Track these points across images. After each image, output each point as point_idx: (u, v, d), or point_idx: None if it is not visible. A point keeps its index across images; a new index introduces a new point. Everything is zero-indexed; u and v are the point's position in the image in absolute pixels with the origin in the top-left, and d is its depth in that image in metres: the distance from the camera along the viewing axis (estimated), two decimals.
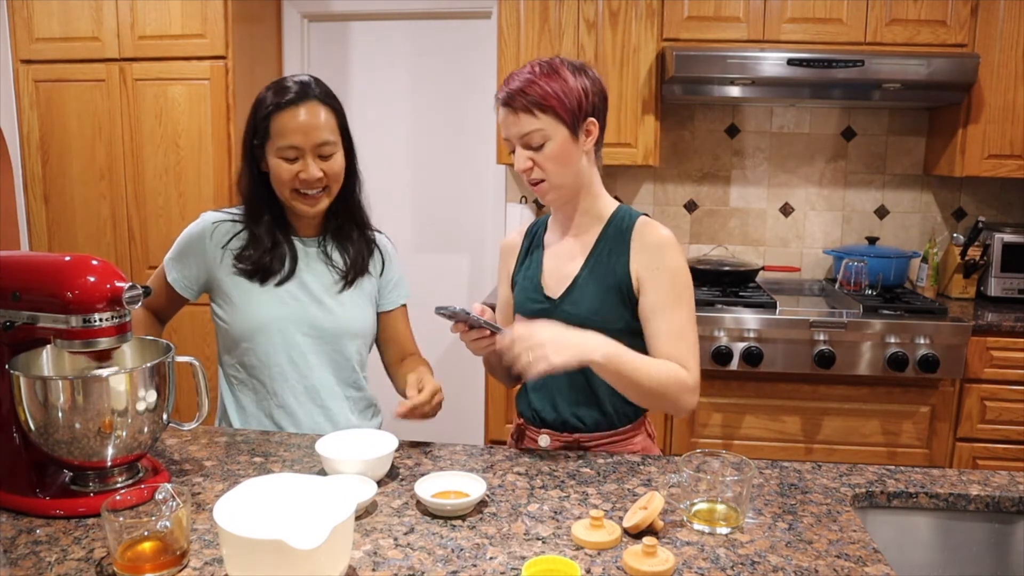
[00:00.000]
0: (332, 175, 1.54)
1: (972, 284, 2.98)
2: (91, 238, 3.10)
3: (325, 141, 1.51)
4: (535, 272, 1.54)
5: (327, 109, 1.53)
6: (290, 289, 1.60)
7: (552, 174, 1.41)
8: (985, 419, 2.62)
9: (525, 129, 1.39)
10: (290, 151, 1.50)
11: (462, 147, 3.39)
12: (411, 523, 1.13)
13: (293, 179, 1.51)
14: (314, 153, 1.51)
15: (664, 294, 1.41)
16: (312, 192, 1.54)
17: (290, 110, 1.49)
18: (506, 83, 1.41)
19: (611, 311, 1.43)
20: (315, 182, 1.52)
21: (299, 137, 1.49)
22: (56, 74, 3.01)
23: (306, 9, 3.33)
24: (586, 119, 1.41)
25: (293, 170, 1.51)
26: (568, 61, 1.42)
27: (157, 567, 0.98)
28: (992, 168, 2.80)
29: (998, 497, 1.26)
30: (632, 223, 1.46)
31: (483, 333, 1.38)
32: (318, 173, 1.51)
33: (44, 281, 1.14)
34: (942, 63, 2.62)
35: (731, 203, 3.25)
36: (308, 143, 1.50)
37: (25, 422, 1.14)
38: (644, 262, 1.42)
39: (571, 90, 1.38)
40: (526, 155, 1.41)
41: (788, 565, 1.03)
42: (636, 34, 2.82)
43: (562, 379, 1.48)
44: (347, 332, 1.62)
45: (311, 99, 1.51)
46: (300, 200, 1.54)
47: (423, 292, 3.58)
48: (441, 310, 1.35)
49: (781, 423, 2.66)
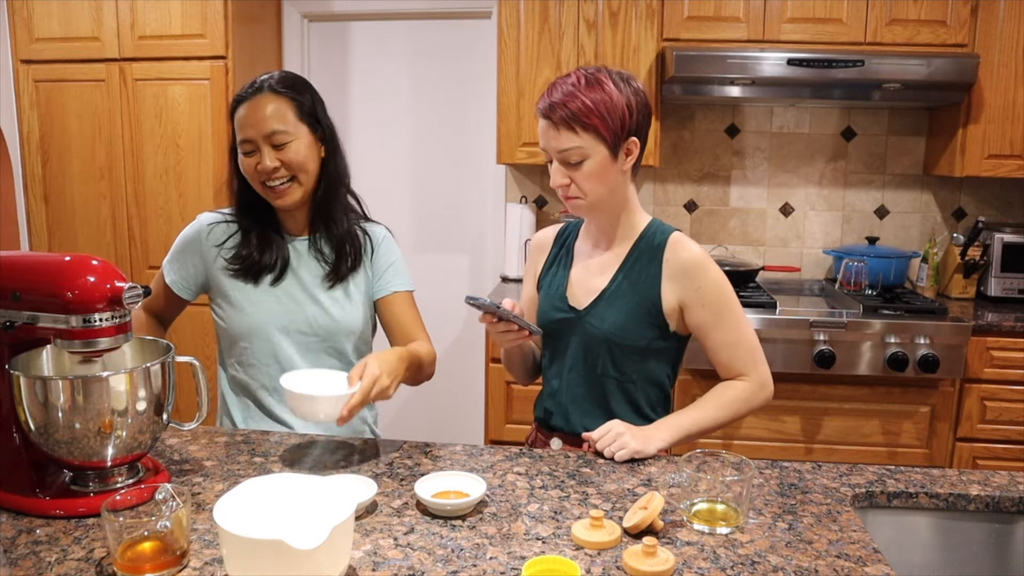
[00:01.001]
0: (291, 164, 1.53)
1: (972, 284, 2.98)
2: (91, 238, 3.10)
3: (274, 131, 1.51)
4: (561, 280, 1.53)
5: (281, 99, 1.53)
6: (285, 288, 1.60)
7: (589, 192, 1.40)
8: (985, 419, 2.62)
9: (564, 145, 1.36)
10: (245, 145, 1.53)
11: (462, 147, 3.39)
12: (411, 523, 1.13)
13: (253, 172, 1.54)
14: (267, 143, 1.52)
15: (711, 310, 1.42)
16: (276, 184, 1.54)
17: (243, 105, 1.53)
18: (548, 92, 1.37)
19: (635, 329, 1.43)
20: (272, 172, 1.52)
21: (249, 129, 1.52)
22: (56, 74, 3.01)
23: (306, 9, 3.33)
24: (628, 138, 1.38)
25: (252, 163, 1.53)
26: (614, 72, 1.38)
27: (157, 567, 0.98)
28: (992, 168, 2.80)
29: (998, 497, 1.26)
30: (664, 240, 1.45)
31: (511, 327, 1.38)
32: (272, 163, 1.52)
33: (44, 281, 1.14)
34: (942, 63, 2.62)
35: (731, 203, 3.25)
36: (258, 134, 1.51)
37: (25, 422, 1.14)
38: (682, 287, 1.43)
39: (615, 107, 1.34)
40: (563, 171, 1.39)
41: (788, 565, 1.03)
42: (636, 34, 2.82)
43: (578, 389, 1.49)
44: (343, 329, 1.62)
45: (263, 92, 1.53)
46: (270, 193, 1.55)
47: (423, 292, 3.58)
48: (471, 300, 1.34)
49: (781, 423, 2.66)
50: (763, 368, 1.46)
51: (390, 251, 1.70)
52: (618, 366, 1.46)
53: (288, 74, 1.59)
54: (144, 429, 1.18)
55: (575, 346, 1.48)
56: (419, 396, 3.57)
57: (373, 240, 1.69)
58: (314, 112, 1.58)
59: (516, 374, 1.66)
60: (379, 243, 1.70)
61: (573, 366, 1.49)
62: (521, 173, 3.30)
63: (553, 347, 1.53)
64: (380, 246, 1.69)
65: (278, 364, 1.59)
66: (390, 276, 1.68)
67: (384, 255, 1.69)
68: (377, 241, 1.70)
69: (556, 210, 3.29)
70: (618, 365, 1.46)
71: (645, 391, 1.48)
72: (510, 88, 2.89)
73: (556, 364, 1.53)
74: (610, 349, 1.45)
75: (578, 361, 1.49)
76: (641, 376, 1.47)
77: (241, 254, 1.60)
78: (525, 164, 3.06)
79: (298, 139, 1.54)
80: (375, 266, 1.68)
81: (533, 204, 3.26)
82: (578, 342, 1.48)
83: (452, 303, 3.45)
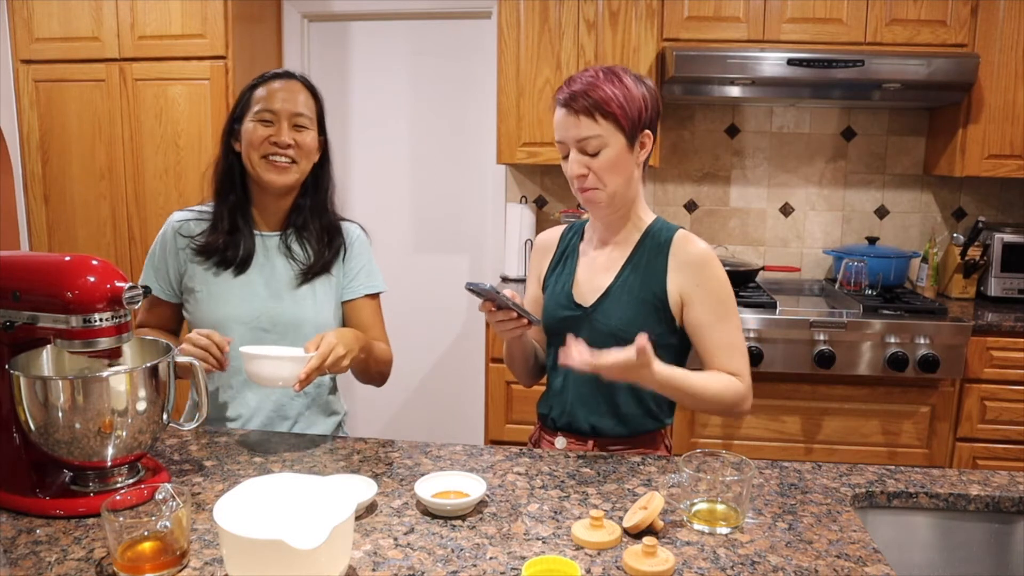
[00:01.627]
0: (303, 147, 1.58)
1: (972, 284, 2.98)
2: (91, 238, 3.10)
3: (300, 113, 1.58)
4: (568, 279, 1.54)
5: (308, 92, 1.61)
6: (250, 283, 1.60)
7: (607, 182, 1.40)
8: (985, 419, 2.62)
9: (584, 133, 1.37)
10: (266, 114, 1.56)
11: (462, 147, 3.39)
12: (411, 523, 1.13)
13: (264, 141, 1.56)
14: (289, 121, 1.56)
15: (710, 310, 1.42)
16: (281, 160, 1.56)
17: (275, 81, 1.59)
18: (567, 84, 1.40)
19: (643, 324, 1.43)
20: (285, 147, 1.56)
21: (277, 103, 1.56)
22: (56, 74, 3.01)
23: (306, 9, 3.33)
24: (643, 130, 1.41)
25: (267, 132, 1.56)
26: (628, 70, 1.41)
27: (157, 567, 0.98)
28: (992, 168, 2.80)
29: (998, 497, 1.26)
30: (670, 237, 1.46)
31: (510, 315, 1.37)
32: (289, 139, 1.56)
33: (44, 281, 1.14)
34: (942, 63, 2.62)
35: (731, 203, 3.25)
36: (284, 110, 1.56)
37: (25, 422, 1.14)
38: (686, 280, 1.43)
39: (633, 98, 1.37)
40: (582, 160, 1.39)
41: (788, 565, 1.03)
42: (636, 34, 2.82)
43: (584, 388, 1.49)
44: (307, 328, 1.60)
45: (296, 79, 1.61)
46: (269, 167, 1.57)
47: (424, 292, 3.60)
48: (471, 286, 1.34)
49: (781, 423, 2.66)
50: (748, 379, 1.42)
51: (362, 251, 1.70)
52: None
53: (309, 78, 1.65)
54: (144, 429, 1.18)
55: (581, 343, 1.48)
56: (419, 396, 3.57)
57: (348, 242, 1.69)
58: (323, 118, 1.65)
59: (518, 373, 1.66)
60: (352, 243, 1.70)
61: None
62: (521, 173, 3.30)
63: (559, 345, 1.53)
64: (353, 246, 1.69)
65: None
66: (362, 278, 1.68)
67: (357, 256, 1.69)
68: (351, 241, 1.70)
69: (556, 210, 3.29)
70: None
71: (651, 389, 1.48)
72: (510, 88, 2.89)
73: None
74: (617, 345, 1.44)
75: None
76: None
77: (207, 241, 1.60)
78: (525, 164, 3.06)
79: (313, 131, 1.61)
80: (347, 267, 1.68)
81: (533, 204, 3.26)
82: (585, 339, 1.47)
83: (452, 303, 3.45)
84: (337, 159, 1.73)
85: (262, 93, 1.57)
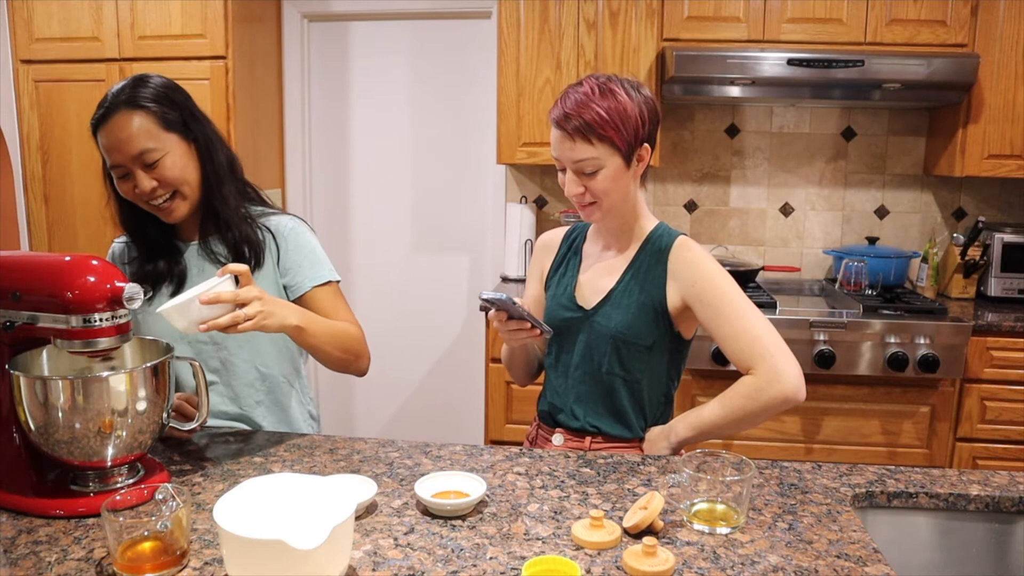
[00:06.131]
0: (168, 180, 1.43)
1: (972, 284, 2.98)
2: (91, 238, 3.10)
3: (143, 150, 1.40)
4: (570, 280, 1.55)
5: (139, 114, 1.41)
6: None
7: (603, 199, 1.41)
8: (985, 419, 2.62)
9: (579, 156, 1.36)
10: (117, 169, 1.43)
11: (462, 147, 3.39)
12: (411, 523, 1.13)
13: (132, 195, 1.45)
14: (138, 164, 1.41)
15: (709, 304, 1.41)
16: (159, 202, 1.45)
17: (103, 128, 1.42)
18: (562, 100, 1.38)
19: (642, 327, 1.44)
20: (150, 193, 1.43)
21: (115, 154, 1.41)
22: (56, 74, 3.01)
23: (306, 9, 3.33)
24: (641, 145, 1.40)
25: (129, 186, 1.44)
26: (624, 79, 1.39)
27: (157, 567, 0.98)
28: (992, 168, 2.80)
29: (998, 497, 1.26)
30: (670, 243, 1.46)
31: (523, 325, 1.38)
32: (149, 184, 1.42)
33: (44, 281, 1.14)
34: (942, 63, 2.62)
35: (731, 203, 3.25)
36: (126, 157, 1.41)
37: (25, 422, 1.14)
38: (682, 284, 1.43)
39: (629, 116, 1.35)
40: (577, 180, 1.40)
41: (788, 565, 1.03)
42: (636, 34, 2.82)
43: (583, 387, 1.50)
44: (253, 335, 1.47)
45: (119, 109, 1.40)
46: (157, 211, 1.47)
47: (423, 292, 3.60)
48: (486, 301, 1.34)
49: (781, 423, 2.66)
50: (775, 360, 1.36)
51: (300, 244, 1.56)
52: (623, 364, 1.47)
53: (140, 79, 1.45)
54: (144, 429, 1.18)
55: (582, 344, 1.50)
56: (419, 396, 3.57)
57: (277, 236, 1.55)
58: (180, 118, 1.45)
59: (516, 374, 1.66)
60: (285, 238, 1.56)
61: (579, 364, 1.51)
62: (521, 173, 3.30)
63: (560, 345, 1.54)
64: (287, 241, 1.55)
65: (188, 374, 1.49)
66: (305, 271, 1.55)
67: (293, 250, 1.55)
68: (282, 236, 1.56)
69: (556, 210, 3.29)
70: (623, 363, 1.46)
71: (649, 389, 1.49)
72: (510, 88, 2.89)
73: (562, 362, 1.54)
74: (616, 347, 1.46)
75: (584, 359, 1.50)
76: (645, 374, 1.48)
77: (138, 272, 1.54)
78: (525, 164, 3.06)
79: (169, 152, 1.43)
80: (283, 264, 1.55)
81: (533, 204, 3.26)
82: (585, 340, 1.49)
83: (452, 303, 3.45)
84: (337, 159, 1.69)
85: (103, 141, 1.42)
